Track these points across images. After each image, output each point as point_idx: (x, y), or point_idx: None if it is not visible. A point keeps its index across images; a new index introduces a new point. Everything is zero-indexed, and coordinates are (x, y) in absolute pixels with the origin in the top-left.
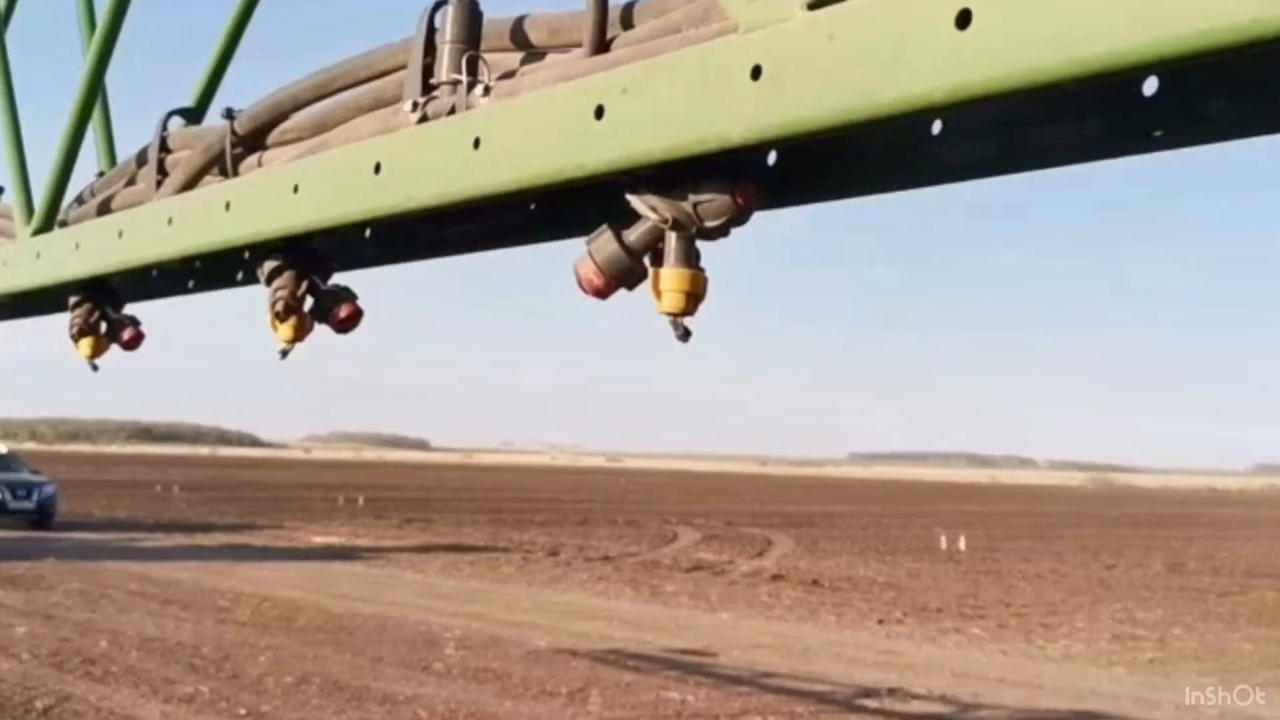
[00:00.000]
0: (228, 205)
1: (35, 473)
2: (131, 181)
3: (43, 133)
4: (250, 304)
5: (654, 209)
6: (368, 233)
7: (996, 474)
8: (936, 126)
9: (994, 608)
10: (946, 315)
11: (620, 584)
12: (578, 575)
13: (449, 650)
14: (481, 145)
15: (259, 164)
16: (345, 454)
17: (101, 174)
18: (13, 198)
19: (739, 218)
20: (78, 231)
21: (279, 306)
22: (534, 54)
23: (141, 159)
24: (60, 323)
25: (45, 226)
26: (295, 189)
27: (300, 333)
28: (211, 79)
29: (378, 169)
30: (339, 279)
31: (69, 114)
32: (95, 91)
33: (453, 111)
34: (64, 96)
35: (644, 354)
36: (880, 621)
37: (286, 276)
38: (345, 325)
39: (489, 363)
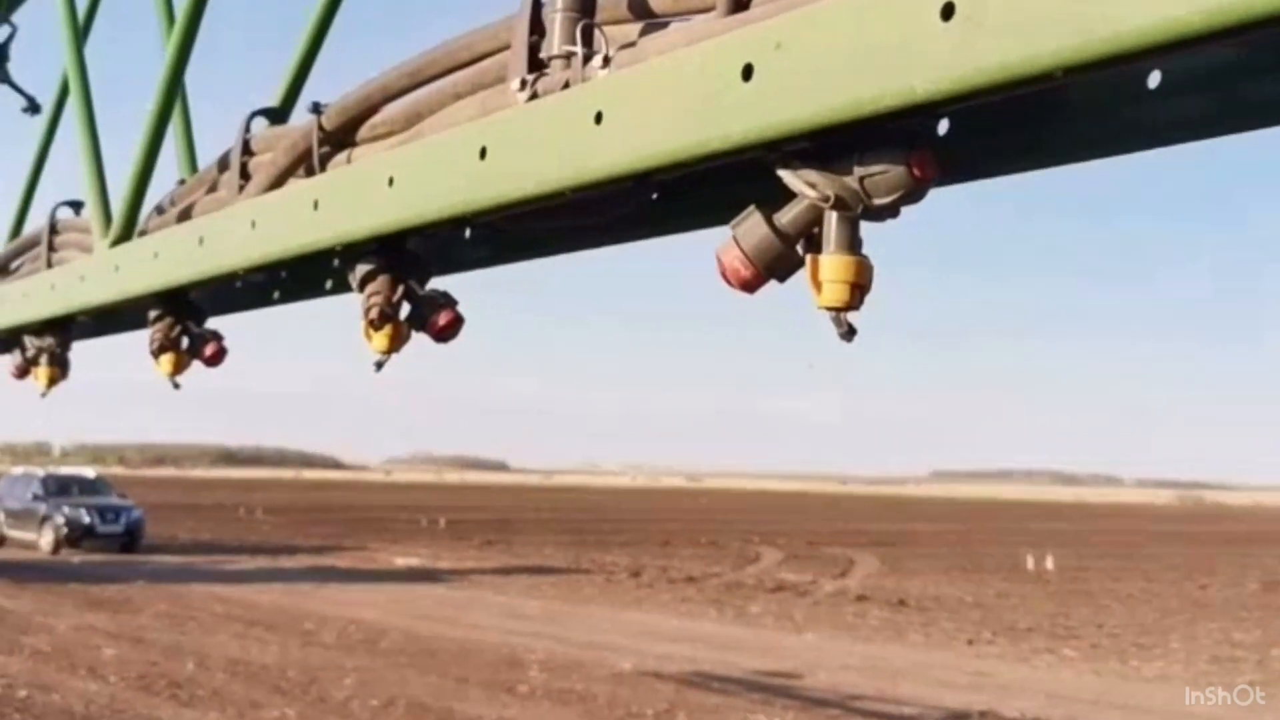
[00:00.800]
0: (315, 204)
1: (122, 496)
2: (213, 188)
3: (122, 140)
4: (333, 323)
5: (812, 185)
6: (468, 232)
7: (1082, 492)
8: (1155, 79)
9: (1085, 628)
10: (1022, 326)
11: (704, 604)
12: (660, 596)
13: (533, 672)
14: (605, 119)
15: (349, 162)
16: (425, 476)
17: (182, 181)
18: (91, 210)
19: (914, 193)
20: (156, 240)
21: (373, 314)
22: (655, 23)
23: (223, 163)
24: (142, 342)
25: (124, 237)
26: (390, 182)
27: (396, 342)
28: (296, 76)
29: (483, 154)
30: (436, 284)
31: (147, 118)
32: (174, 94)
33: (567, 87)
34: (144, 101)
35: (723, 368)
36: (969, 642)
37: (380, 281)
38: (444, 334)
39: (569, 381)
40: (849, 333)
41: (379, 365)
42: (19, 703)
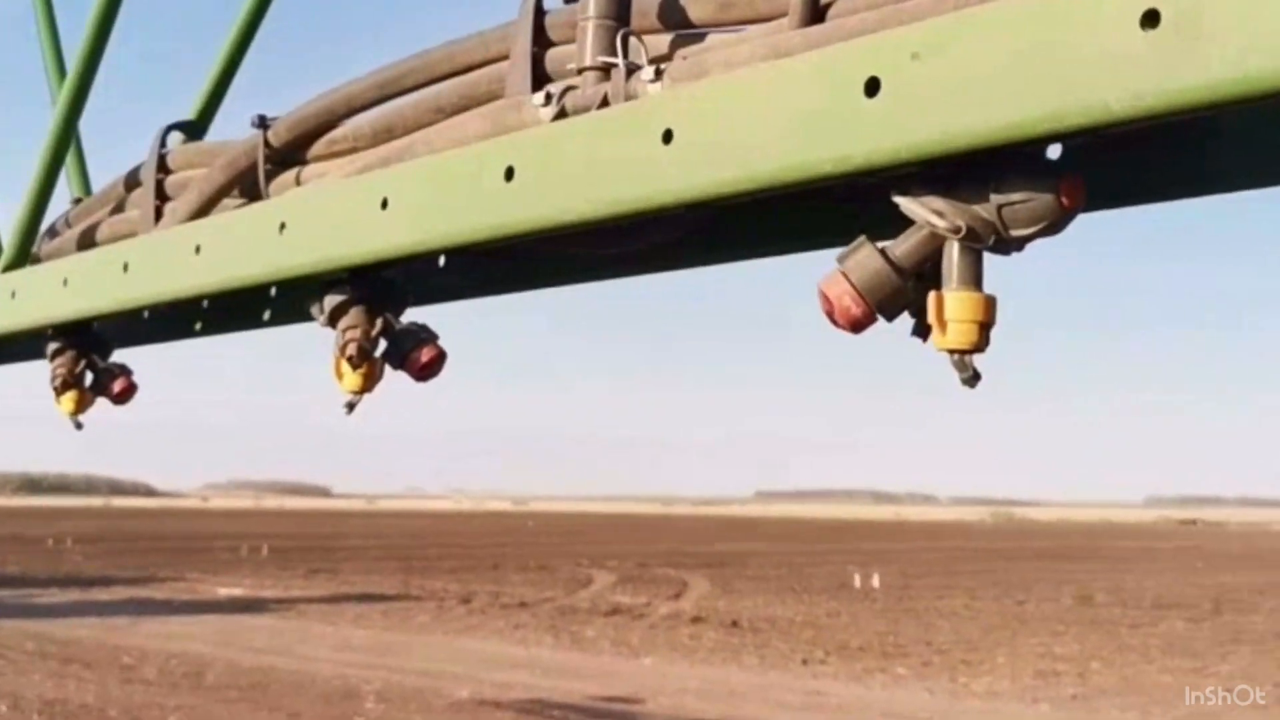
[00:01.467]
0: (282, 226)
1: None
2: (119, 208)
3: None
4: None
5: (939, 214)
6: (441, 260)
7: (901, 510)
8: None
9: (915, 646)
10: (838, 348)
11: (539, 631)
12: (494, 623)
13: (369, 704)
14: (675, 138)
15: (297, 182)
16: (245, 502)
17: (78, 201)
18: None
19: (1057, 224)
20: (65, 266)
21: (351, 350)
22: (697, 33)
23: (132, 182)
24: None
25: (18, 263)
26: (384, 204)
27: (370, 381)
28: (215, 89)
29: (509, 175)
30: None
31: (50, 129)
32: (81, 103)
33: (606, 104)
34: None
35: (544, 396)
36: (804, 662)
37: (355, 314)
38: (426, 372)
39: (391, 407)
40: (974, 378)
41: (350, 406)
42: None
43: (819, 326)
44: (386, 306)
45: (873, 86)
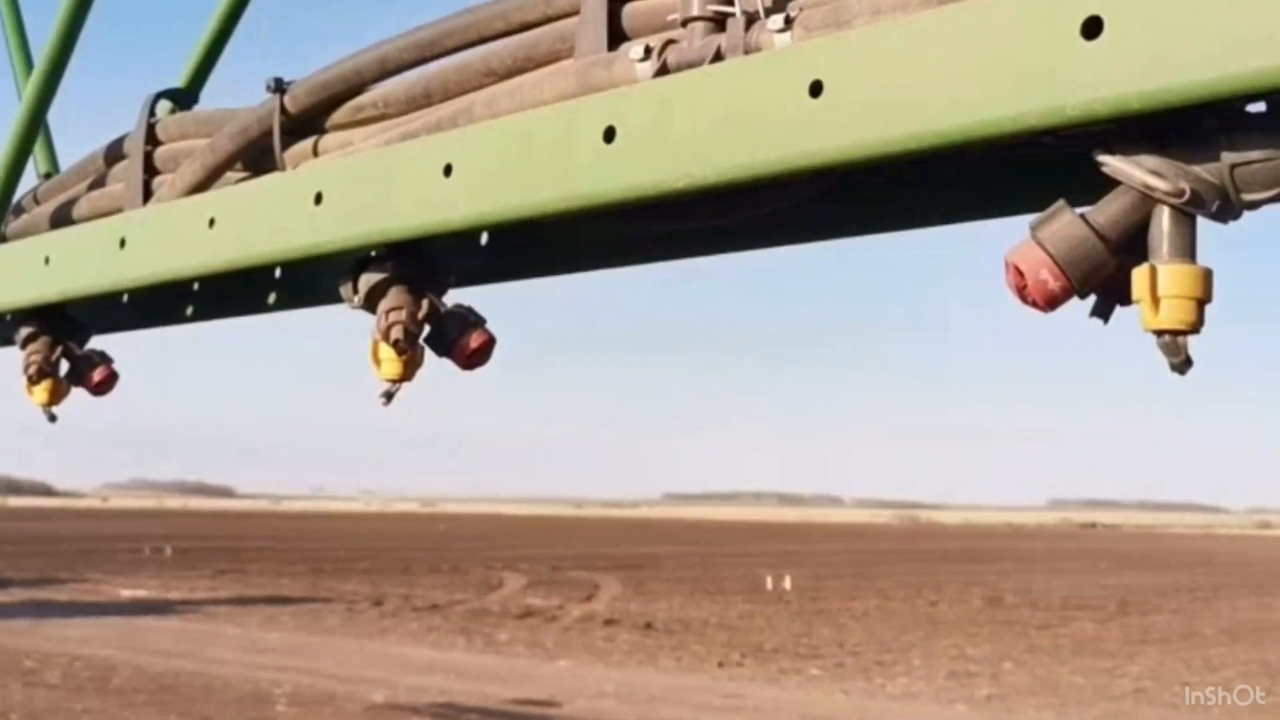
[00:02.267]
0: (318, 197)
1: None
2: (99, 183)
3: None
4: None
5: (1157, 175)
6: (483, 238)
7: (807, 512)
8: None
9: (828, 647)
10: (742, 350)
11: (451, 633)
12: (406, 625)
13: (281, 708)
14: (825, 90)
15: (314, 152)
16: (146, 502)
17: (47, 175)
18: None
19: None
20: (43, 244)
21: (396, 334)
22: None
23: (115, 154)
24: None
25: None
26: (447, 171)
27: (411, 369)
28: (208, 53)
29: (610, 135)
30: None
31: (23, 97)
32: (58, 75)
33: (720, 57)
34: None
35: (450, 395)
36: (720, 664)
37: (398, 295)
38: (474, 360)
39: (295, 408)
40: (1185, 363)
41: (389, 396)
42: None
43: (727, 324)
44: (430, 286)
45: (1093, 26)
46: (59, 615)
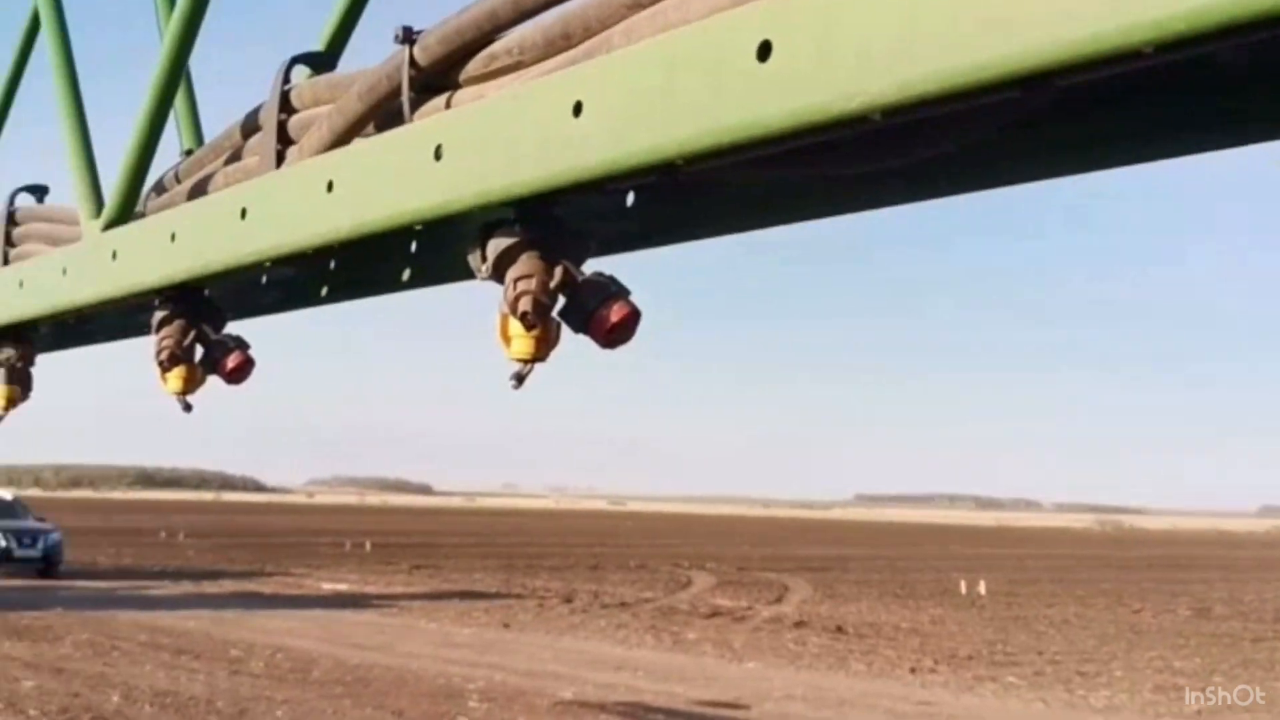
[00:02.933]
0: (438, 151)
1: (40, 519)
2: (236, 156)
3: (104, 114)
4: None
5: None
6: (631, 198)
7: (1003, 516)
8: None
9: (1026, 655)
10: (943, 357)
11: (640, 631)
12: (596, 623)
13: (472, 703)
14: None
15: (448, 106)
16: (348, 499)
17: (189, 152)
18: (76, 188)
19: None
20: (174, 218)
21: (525, 305)
22: None
23: (250, 126)
24: (62, 359)
25: (121, 219)
26: (576, 109)
27: (545, 346)
28: (348, 12)
29: (764, 52)
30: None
31: (154, 72)
32: (187, 47)
33: None
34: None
35: (644, 398)
36: (912, 670)
37: (529, 261)
38: (616, 335)
39: (490, 406)
40: None
41: (519, 378)
42: None
43: (919, 315)
44: (566, 252)
45: None
46: (264, 607)
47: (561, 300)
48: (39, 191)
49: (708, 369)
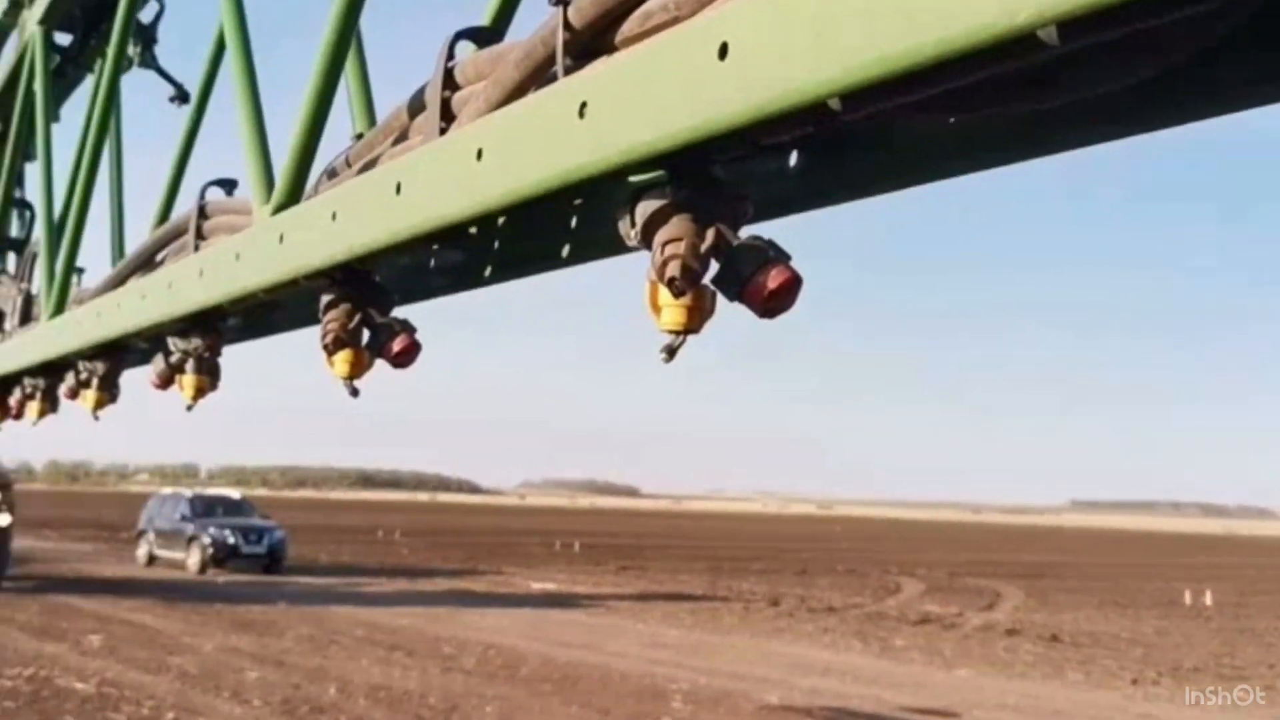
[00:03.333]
0: (582, 108)
1: (265, 518)
2: (403, 137)
3: (287, 101)
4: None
5: None
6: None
7: (1231, 525)
8: None
9: (1256, 669)
10: (1169, 357)
11: (847, 636)
12: (802, 627)
13: (676, 704)
14: None
15: None
16: (559, 500)
17: (359, 136)
18: (248, 173)
19: None
20: (334, 197)
21: (672, 271)
22: None
23: (416, 105)
24: (295, 350)
25: (290, 202)
26: (722, 51)
27: (696, 318)
28: None
29: None
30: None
31: (320, 50)
32: (350, 26)
33: None
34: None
35: (854, 401)
36: (1134, 681)
37: (679, 224)
38: (773, 304)
39: (697, 409)
40: None
41: (670, 351)
42: None
43: (1141, 311)
44: (719, 214)
45: None
46: (476, 605)
47: (715, 268)
48: (228, 185)
49: (920, 371)
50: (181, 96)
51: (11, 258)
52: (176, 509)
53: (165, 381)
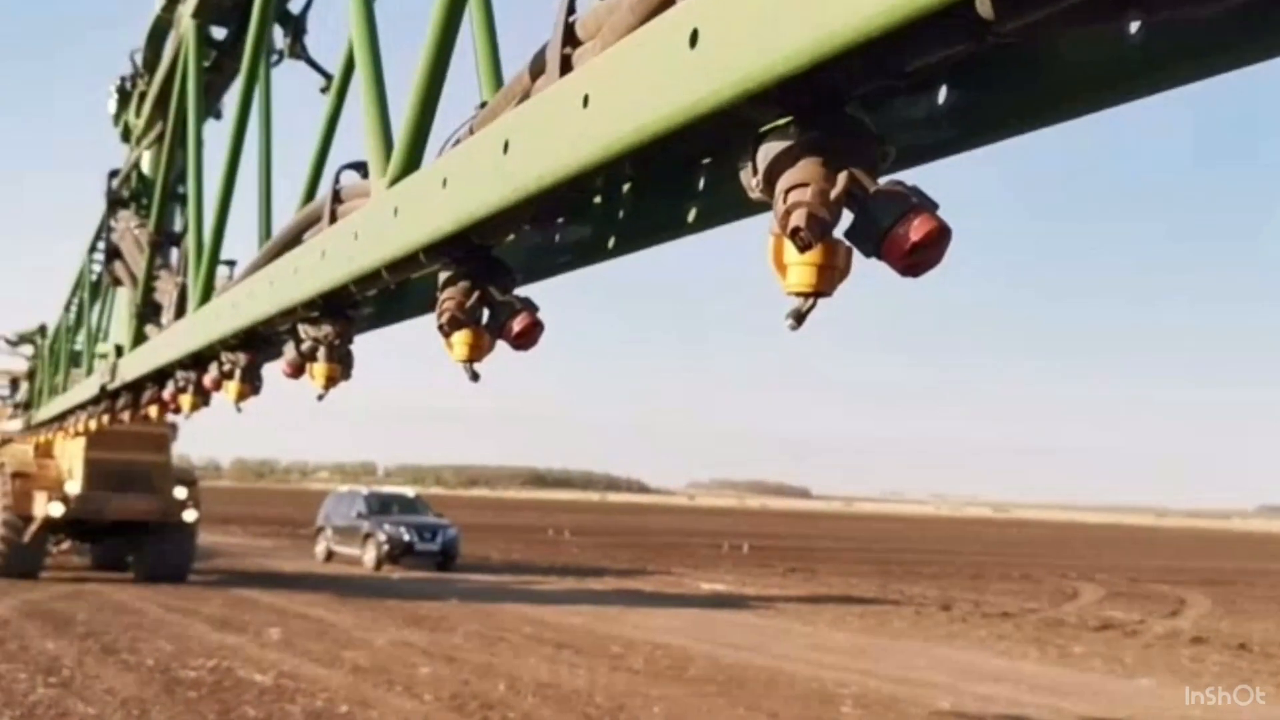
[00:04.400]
0: (694, 36)
1: (439, 516)
2: (525, 97)
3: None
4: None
5: None
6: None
7: None
8: None
9: None
10: None
11: (1023, 643)
12: (975, 632)
13: (846, 708)
14: None
15: None
16: (728, 501)
17: (483, 104)
18: (368, 145)
19: None
20: (445, 164)
21: (796, 220)
22: None
23: (537, 67)
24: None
25: (407, 172)
26: None
27: (827, 278)
28: None
29: None
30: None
31: (433, 12)
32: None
33: None
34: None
35: (1031, 401)
36: None
37: (807, 168)
38: (916, 259)
39: (873, 410)
40: None
41: (798, 317)
42: (340, 719)
43: None
44: (853, 157)
45: None
46: (644, 604)
47: (848, 219)
48: (362, 167)
49: (1096, 367)
50: (330, 87)
51: (174, 254)
52: (353, 506)
53: (296, 370)
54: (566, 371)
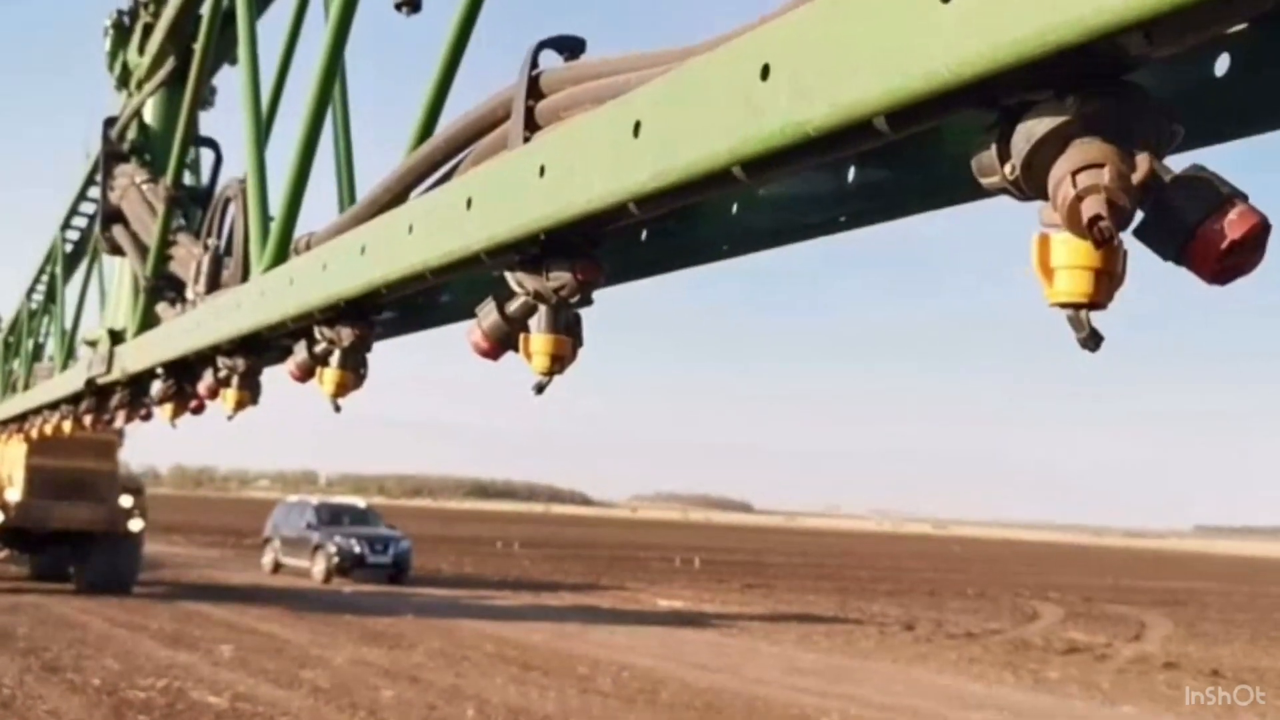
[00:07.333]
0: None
1: (391, 528)
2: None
3: None
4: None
5: None
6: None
7: None
8: None
9: None
10: None
11: (996, 667)
12: (944, 654)
13: None
14: None
15: None
16: (672, 514)
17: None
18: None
19: None
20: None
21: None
22: None
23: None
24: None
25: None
26: None
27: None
28: None
29: None
30: None
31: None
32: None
33: None
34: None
35: (967, 420)
36: None
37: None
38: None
39: (812, 424)
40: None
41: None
42: None
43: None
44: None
45: None
46: (604, 621)
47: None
48: (562, 44)
49: (1042, 386)
50: (411, 3)
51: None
52: (303, 517)
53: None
54: (515, 383)
